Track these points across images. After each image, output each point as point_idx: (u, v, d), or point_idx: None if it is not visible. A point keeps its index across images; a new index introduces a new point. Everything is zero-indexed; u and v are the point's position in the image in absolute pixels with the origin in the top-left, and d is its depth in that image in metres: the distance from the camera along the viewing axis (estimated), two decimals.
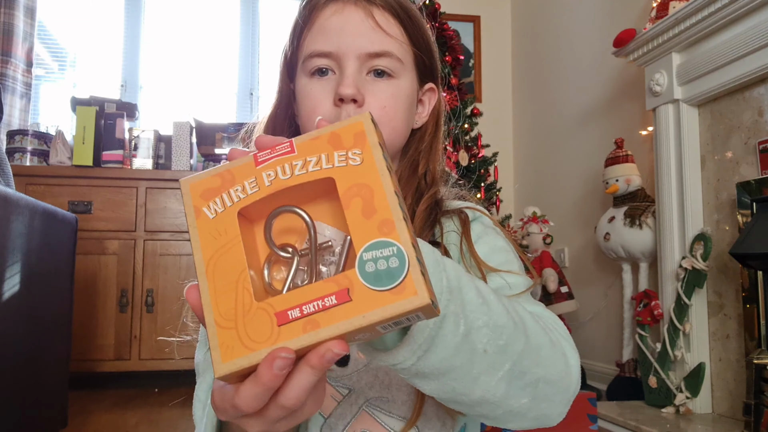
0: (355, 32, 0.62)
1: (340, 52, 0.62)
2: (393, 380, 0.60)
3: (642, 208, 2.02)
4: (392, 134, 0.65)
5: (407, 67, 0.66)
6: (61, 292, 1.68)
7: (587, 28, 2.64)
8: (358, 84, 0.62)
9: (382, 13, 0.63)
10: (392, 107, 0.64)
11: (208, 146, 2.72)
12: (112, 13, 3.12)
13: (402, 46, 0.64)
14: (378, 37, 0.63)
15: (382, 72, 0.64)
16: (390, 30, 0.63)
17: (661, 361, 1.78)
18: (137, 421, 1.91)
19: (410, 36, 0.66)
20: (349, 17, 0.63)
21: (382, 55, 0.63)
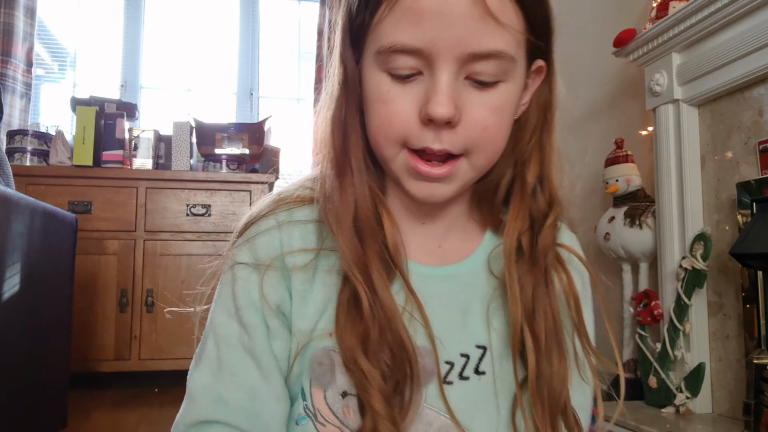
0: (457, 23, 0.44)
1: (435, 50, 0.45)
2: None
3: (642, 208, 2.02)
4: (490, 158, 0.52)
5: (519, 62, 0.50)
6: (61, 292, 1.68)
7: (587, 28, 2.64)
8: (456, 98, 0.46)
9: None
10: (496, 125, 0.49)
11: (208, 146, 2.72)
12: (112, 13, 3.12)
13: (516, 38, 0.48)
14: (489, 31, 0.45)
15: (484, 82, 0.48)
16: (504, 17, 0.46)
17: (661, 361, 1.78)
18: (137, 421, 1.91)
19: (529, 19, 0.49)
20: (451, 3, 0.44)
21: (491, 57, 0.46)
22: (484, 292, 0.53)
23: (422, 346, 0.50)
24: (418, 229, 0.55)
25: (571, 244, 0.60)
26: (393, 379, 0.47)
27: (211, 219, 2.54)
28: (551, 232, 0.55)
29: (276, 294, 0.52)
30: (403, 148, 0.49)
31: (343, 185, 0.51)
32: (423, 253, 0.55)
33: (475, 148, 0.49)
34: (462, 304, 0.53)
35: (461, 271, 0.55)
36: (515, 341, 0.50)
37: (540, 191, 0.57)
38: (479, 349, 0.52)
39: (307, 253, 0.52)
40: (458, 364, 0.51)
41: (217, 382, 0.51)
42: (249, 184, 2.59)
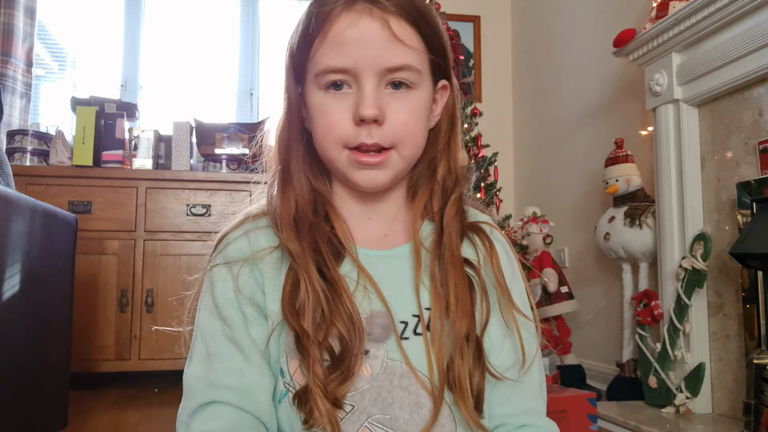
0: (372, 46, 0.59)
1: (358, 68, 0.60)
2: (395, 399, 0.60)
3: (642, 208, 2.02)
4: (414, 150, 0.65)
5: (425, 74, 0.64)
6: (62, 292, 1.68)
7: (587, 28, 2.64)
8: (379, 102, 0.60)
9: (398, 22, 0.60)
10: (413, 122, 0.63)
11: (208, 146, 2.72)
12: (112, 13, 3.12)
13: (420, 55, 0.62)
14: (396, 50, 0.60)
15: (400, 83, 0.62)
16: (408, 40, 0.61)
17: (661, 361, 1.78)
18: (137, 421, 1.91)
19: (427, 43, 0.63)
20: (366, 30, 0.59)
21: (402, 69, 0.61)
22: (425, 265, 0.65)
23: (378, 310, 0.62)
24: (366, 224, 0.68)
25: (484, 219, 0.72)
26: (340, 343, 0.59)
27: (211, 219, 2.54)
28: (454, 206, 0.67)
29: (248, 287, 0.63)
30: (344, 148, 0.62)
31: (285, 191, 0.65)
32: (372, 241, 0.67)
33: (400, 142, 0.62)
34: (407, 276, 0.65)
35: (404, 251, 0.67)
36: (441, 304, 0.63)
37: (448, 178, 0.69)
38: (427, 310, 0.63)
39: (273, 249, 0.64)
40: (411, 323, 0.63)
41: (208, 371, 0.61)
42: (249, 184, 2.59)
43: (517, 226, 2.46)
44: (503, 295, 0.65)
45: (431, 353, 0.61)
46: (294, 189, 0.65)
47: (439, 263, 0.65)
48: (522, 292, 0.69)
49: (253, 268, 0.63)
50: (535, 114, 3.14)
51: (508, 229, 2.16)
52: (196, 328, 0.65)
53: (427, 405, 0.61)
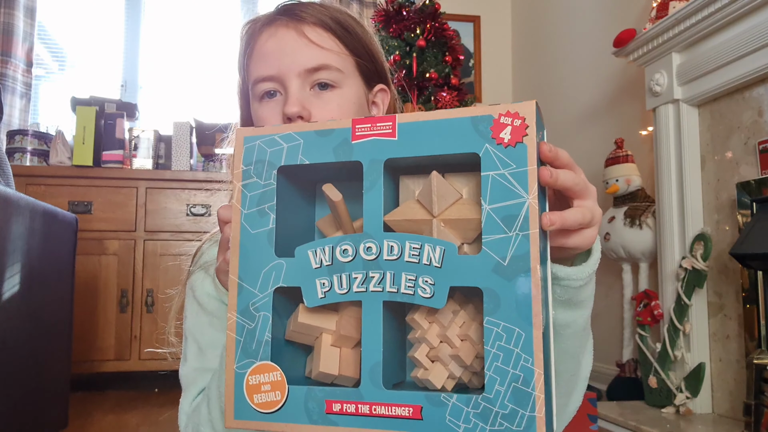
0: (290, 52, 0.65)
1: (281, 73, 0.65)
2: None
3: (642, 208, 2.02)
4: None
5: (349, 74, 0.68)
6: (62, 292, 1.68)
7: (587, 28, 2.64)
8: (302, 100, 0.65)
9: (313, 29, 0.66)
10: (341, 116, 0.66)
11: (208, 146, 2.72)
12: (112, 13, 3.12)
13: (340, 57, 0.67)
14: (313, 53, 0.65)
15: (325, 84, 0.66)
16: (324, 43, 0.66)
17: (661, 362, 1.78)
18: (138, 422, 1.91)
19: (347, 45, 0.68)
20: (283, 39, 0.66)
21: (321, 69, 0.65)
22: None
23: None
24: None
25: None
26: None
27: (211, 219, 2.54)
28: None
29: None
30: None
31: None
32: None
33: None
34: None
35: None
36: None
37: None
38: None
39: None
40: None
41: (201, 361, 0.66)
42: None
43: None
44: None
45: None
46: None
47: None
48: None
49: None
50: None
51: None
52: (186, 332, 0.70)
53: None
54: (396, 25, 2.28)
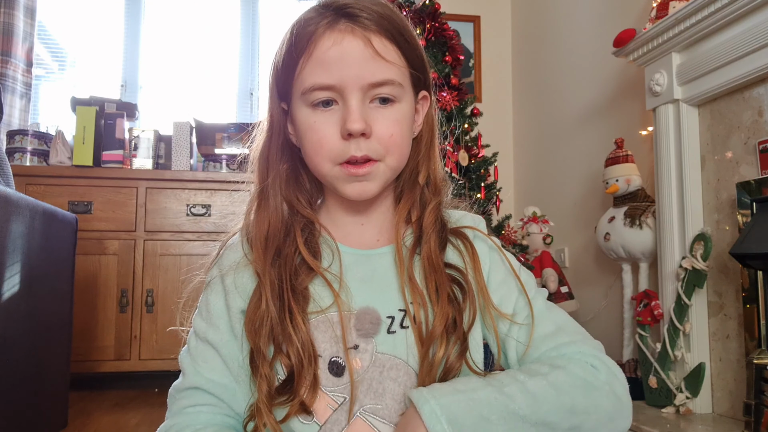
0: (355, 63, 0.62)
1: (343, 85, 0.62)
2: (387, 390, 0.64)
3: (642, 208, 2.02)
4: (400, 159, 0.68)
5: (407, 88, 0.67)
6: (62, 292, 1.68)
7: (587, 28, 2.64)
8: (365, 116, 0.63)
9: (379, 40, 0.63)
10: (398, 133, 0.65)
11: (208, 146, 2.72)
12: (112, 13, 3.12)
13: (401, 70, 0.65)
14: (379, 66, 0.63)
15: (385, 99, 0.64)
16: (389, 56, 0.64)
17: (661, 361, 1.78)
18: (138, 422, 1.91)
19: (407, 58, 0.66)
20: (349, 48, 0.62)
21: (385, 84, 0.64)
22: (407, 266, 0.69)
23: (367, 307, 0.66)
24: (359, 230, 0.72)
25: (474, 223, 0.75)
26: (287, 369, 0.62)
27: (211, 219, 2.54)
28: (433, 214, 0.70)
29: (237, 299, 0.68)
30: (335, 164, 0.65)
31: (260, 211, 0.70)
32: (364, 242, 0.71)
33: (387, 153, 0.65)
34: (392, 274, 0.69)
35: (388, 251, 0.70)
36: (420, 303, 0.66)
37: (426, 188, 0.72)
38: (412, 305, 0.66)
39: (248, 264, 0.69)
40: (398, 318, 0.66)
41: (195, 363, 0.69)
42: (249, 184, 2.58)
43: (517, 226, 2.46)
44: (483, 299, 0.69)
45: (415, 346, 0.65)
46: (268, 209, 0.69)
47: (420, 266, 0.68)
48: (520, 288, 0.71)
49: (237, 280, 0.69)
50: (535, 114, 3.14)
51: (507, 229, 2.16)
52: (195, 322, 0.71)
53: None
54: None
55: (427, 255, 0.68)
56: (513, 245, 2.18)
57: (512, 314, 0.69)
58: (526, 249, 2.30)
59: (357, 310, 0.65)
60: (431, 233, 0.69)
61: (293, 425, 0.62)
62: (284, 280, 0.64)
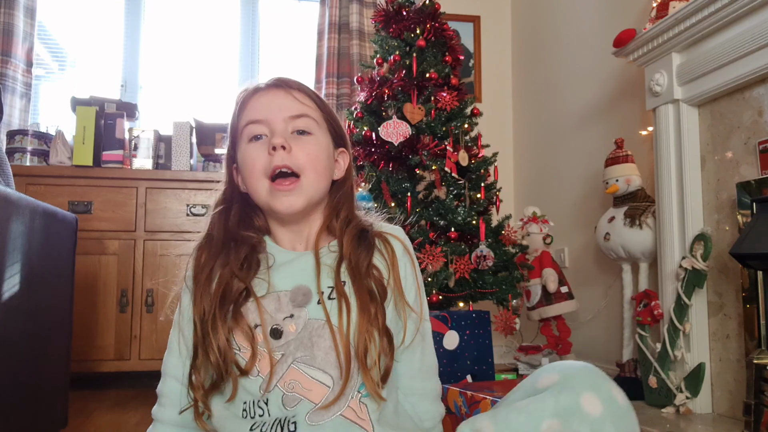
0: (279, 103, 0.85)
1: (270, 118, 0.84)
2: (314, 344, 0.80)
3: (642, 208, 2.02)
4: (318, 177, 0.86)
5: (322, 128, 0.88)
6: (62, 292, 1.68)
7: (587, 28, 2.64)
8: (286, 137, 0.83)
9: (298, 93, 0.86)
10: (315, 154, 0.85)
11: (208, 146, 2.72)
12: (112, 13, 3.12)
13: (316, 112, 0.87)
14: (296, 105, 0.85)
15: (303, 131, 0.85)
16: (305, 102, 0.86)
17: (661, 361, 1.78)
18: (138, 422, 1.91)
19: (321, 108, 0.88)
20: (274, 95, 0.86)
21: (302, 116, 0.85)
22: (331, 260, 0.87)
23: (301, 285, 0.83)
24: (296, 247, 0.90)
25: (390, 231, 0.92)
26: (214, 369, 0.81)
27: None
28: (350, 234, 0.87)
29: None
30: (264, 177, 0.83)
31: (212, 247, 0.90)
32: (300, 247, 0.90)
33: (306, 168, 0.84)
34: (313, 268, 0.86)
35: (322, 252, 0.88)
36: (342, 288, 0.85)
37: (345, 220, 0.90)
38: (329, 288, 0.84)
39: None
40: (326, 293, 0.83)
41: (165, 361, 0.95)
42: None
43: (517, 226, 2.46)
44: (398, 294, 0.86)
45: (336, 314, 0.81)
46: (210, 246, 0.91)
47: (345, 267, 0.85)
48: (416, 290, 0.90)
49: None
50: (535, 114, 3.14)
51: (507, 229, 2.16)
52: (175, 323, 0.97)
53: (333, 353, 0.80)
54: (396, 25, 2.28)
55: (351, 263, 0.85)
56: (513, 245, 2.18)
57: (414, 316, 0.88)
58: (526, 249, 2.30)
59: (293, 288, 0.83)
60: (350, 248, 0.86)
61: (245, 384, 0.79)
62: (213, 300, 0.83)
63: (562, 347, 2.34)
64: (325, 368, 0.79)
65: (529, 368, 2.34)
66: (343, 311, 0.81)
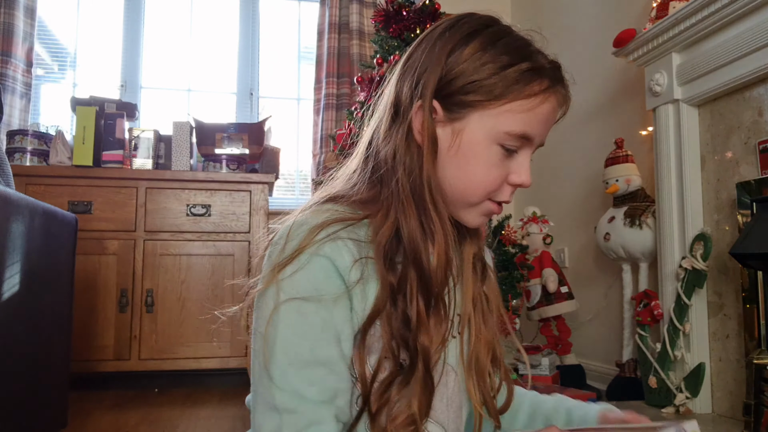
0: (548, 128, 0.68)
1: (535, 141, 0.67)
2: (437, 391, 0.65)
3: (642, 208, 2.02)
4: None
5: None
6: (61, 292, 1.68)
7: (587, 28, 2.64)
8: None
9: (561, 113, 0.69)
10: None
11: (208, 146, 2.72)
12: (112, 13, 3.12)
13: None
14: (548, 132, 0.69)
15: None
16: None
17: (661, 361, 1.78)
18: (137, 422, 1.91)
19: None
20: (552, 113, 0.67)
21: (541, 145, 0.70)
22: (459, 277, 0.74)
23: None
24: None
25: (486, 253, 0.80)
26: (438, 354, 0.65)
27: (211, 219, 2.54)
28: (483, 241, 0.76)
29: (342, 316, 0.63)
30: (484, 199, 0.67)
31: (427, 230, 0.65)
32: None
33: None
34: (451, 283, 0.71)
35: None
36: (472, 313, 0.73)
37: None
38: (458, 316, 0.71)
39: (355, 262, 0.62)
40: (455, 323, 0.70)
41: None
42: (249, 184, 2.59)
43: (517, 226, 2.46)
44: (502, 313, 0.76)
45: (463, 354, 0.70)
46: (444, 224, 0.65)
47: (475, 283, 0.73)
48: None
49: (347, 296, 0.61)
50: None
51: (508, 229, 2.16)
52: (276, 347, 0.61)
53: (457, 400, 0.69)
54: (396, 25, 2.28)
55: (478, 279, 0.73)
56: (513, 245, 2.18)
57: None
58: (526, 249, 2.30)
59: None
60: (480, 259, 0.74)
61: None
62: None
63: (562, 347, 2.34)
64: (443, 423, 0.67)
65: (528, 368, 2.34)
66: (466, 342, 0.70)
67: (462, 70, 0.63)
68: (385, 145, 0.67)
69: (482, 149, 0.64)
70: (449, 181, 0.66)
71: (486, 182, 0.65)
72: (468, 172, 0.65)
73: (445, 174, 0.66)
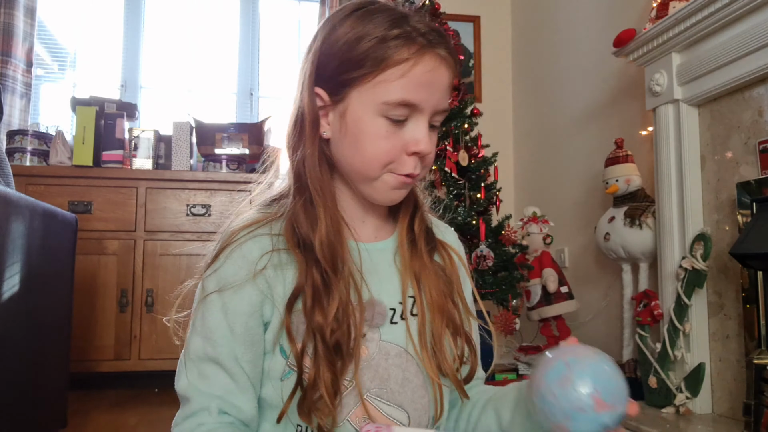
0: (438, 91, 0.66)
1: (422, 107, 0.65)
2: (390, 375, 0.68)
3: (642, 208, 2.02)
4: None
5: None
6: (61, 292, 1.68)
7: (587, 28, 2.64)
8: (430, 139, 0.68)
9: (454, 74, 0.69)
10: (434, 154, 0.70)
11: (208, 146, 2.72)
12: (112, 13, 3.12)
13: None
14: (446, 97, 0.69)
15: (434, 126, 0.69)
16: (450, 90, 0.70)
17: (661, 361, 1.78)
18: (137, 422, 1.91)
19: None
20: (439, 77, 0.66)
21: (443, 113, 0.69)
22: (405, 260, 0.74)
23: (374, 299, 0.68)
24: (360, 225, 0.74)
25: (448, 231, 0.83)
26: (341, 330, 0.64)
27: (211, 219, 2.54)
28: (423, 219, 0.76)
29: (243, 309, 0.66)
30: (386, 171, 0.67)
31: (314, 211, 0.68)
32: (364, 237, 0.73)
33: (425, 170, 0.71)
34: (393, 267, 0.73)
35: (389, 246, 0.75)
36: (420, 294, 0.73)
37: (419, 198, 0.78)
38: (410, 298, 0.71)
39: (270, 254, 0.67)
40: (398, 310, 0.70)
41: (198, 382, 0.68)
42: (249, 184, 2.59)
43: (517, 226, 2.46)
44: (462, 304, 0.76)
45: (416, 335, 0.70)
46: (327, 209, 0.68)
47: (416, 260, 0.74)
48: (470, 293, 0.80)
49: (254, 284, 0.66)
50: (535, 114, 3.14)
51: (508, 229, 2.16)
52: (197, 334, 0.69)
53: (415, 380, 0.69)
54: None
55: (421, 252, 0.74)
56: (513, 245, 2.18)
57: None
58: (526, 249, 2.30)
59: (365, 302, 0.67)
60: (421, 235, 0.74)
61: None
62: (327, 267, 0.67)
63: None
64: (402, 404, 0.68)
65: (529, 368, 2.34)
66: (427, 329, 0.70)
67: (335, 52, 0.66)
68: (291, 141, 0.71)
69: (367, 124, 0.65)
70: (347, 161, 0.68)
71: (377, 155, 0.65)
72: (359, 149, 0.66)
73: (342, 155, 0.68)
